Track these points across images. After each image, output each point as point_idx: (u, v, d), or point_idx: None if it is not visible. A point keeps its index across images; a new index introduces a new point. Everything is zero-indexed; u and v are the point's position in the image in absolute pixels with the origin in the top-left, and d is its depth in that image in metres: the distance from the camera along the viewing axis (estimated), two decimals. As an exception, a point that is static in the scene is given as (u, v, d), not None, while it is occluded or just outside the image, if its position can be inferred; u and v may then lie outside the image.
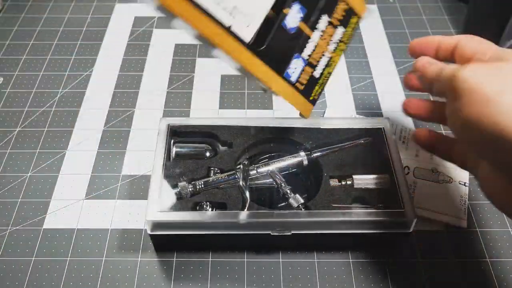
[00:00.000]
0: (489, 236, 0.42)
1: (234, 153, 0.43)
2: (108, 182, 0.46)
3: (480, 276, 0.40)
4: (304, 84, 0.36)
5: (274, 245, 0.41)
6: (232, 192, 0.41)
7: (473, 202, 0.45)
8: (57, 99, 0.54)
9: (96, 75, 0.57)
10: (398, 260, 0.41)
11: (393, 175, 0.41)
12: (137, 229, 0.43)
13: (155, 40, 0.61)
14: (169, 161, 0.42)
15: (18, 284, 0.39)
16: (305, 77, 0.36)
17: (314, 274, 0.40)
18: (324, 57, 0.36)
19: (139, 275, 0.40)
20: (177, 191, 0.40)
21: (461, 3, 0.67)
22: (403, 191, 0.39)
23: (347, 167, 0.42)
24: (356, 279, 0.40)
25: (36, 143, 0.49)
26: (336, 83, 0.56)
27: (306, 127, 0.45)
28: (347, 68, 0.58)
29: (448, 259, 0.41)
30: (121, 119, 0.52)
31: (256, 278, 0.40)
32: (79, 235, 0.42)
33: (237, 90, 0.55)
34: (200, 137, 0.45)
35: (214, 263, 0.41)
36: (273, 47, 0.33)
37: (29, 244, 0.41)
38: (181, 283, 0.39)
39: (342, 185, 0.41)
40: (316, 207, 0.40)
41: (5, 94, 0.54)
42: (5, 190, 0.45)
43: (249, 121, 0.45)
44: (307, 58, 0.35)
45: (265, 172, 0.42)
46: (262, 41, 0.32)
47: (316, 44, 0.35)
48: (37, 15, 0.65)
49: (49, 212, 0.44)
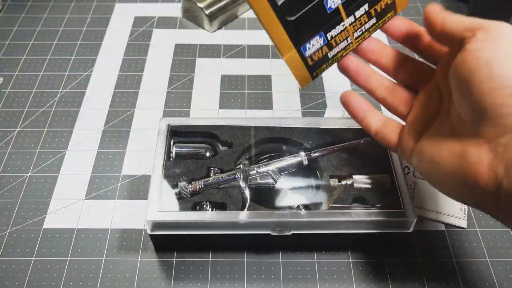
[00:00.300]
0: (489, 236, 0.42)
1: (234, 153, 0.43)
2: (108, 182, 0.46)
3: (480, 276, 0.40)
4: (314, 61, 0.35)
5: (274, 245, 0.41)
6: (232, 192, 0.41)
7: (473, 202, 0.45)
8: (57, 99, 0.54)
9: (96, 75, 0.57)
10: (398, 260, 0.41)
11: (393, 175, 0.41)
12: (137, 229, 0.43)
13: (155, 40, 0.61)
14: (169, 161, 0.42)
15: (18, 284, 0.39)
16: (319, 55, 0.35)
17: (314, 274, 0.40)
18: (345, 41, 0.36)
19: (139, 275, 0.40)
20: (177, 191, 0.40)
21: (461, 3, 0.67)
22: (403, 191, 0.39)
23: (347, 167, 0.42)
24: (356, 279, 0.40)
25: (36, 143, 0.49)
26: (336, 83, 0.56)
27: (306, 127, 0.45)
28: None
29: (448, 259, 0.41)
30: (121, 119, 0.52)
31: (256, 278, 0.40)
32: (79, 235, 0.42)
33: (237, 90, 0.55)
34: (200, 137, 0.45)
35: (214, 263, 0.41)
36: (302, 21, 0.33)
37: (29, 244, 0.41)
38: (181, 283, 0.39)
39: (342, 185, 0.41)
40: (316, 207, 0.40)
41: (5, 94, 0.54)
42: (5, 190, 0.45)
43: (249, 121, 0.45)
44: (329, 39, 0.35)
45: (265, 172, 0.42)
46: (293, 11, 0.32)
47: (344, 28, 0.35)
48: (37, 15, 0.65)
49: (49, 212, 0.44)
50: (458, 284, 0.40)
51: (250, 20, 0.64)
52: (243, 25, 0.64)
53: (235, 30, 0.63)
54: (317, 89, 0.55)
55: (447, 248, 0.42)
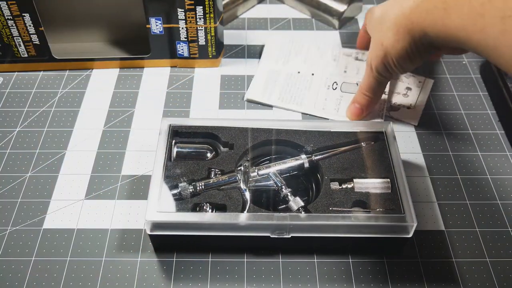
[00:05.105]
0: (489, 236, 0.42)
1: (235, 154, 0.43)
2: (108, 182, 0.46)
3: (480, 276, 0.40)
4: None
5: (273, 246, 0.41)
6: (232, 194, 0.41)
7: (472, 202, 0.45)
8: (57, 99, 0.54)
9: (96, 75, 0.57)
10: (398, 260, 0.41)
11: (393, 179, 0.41)
12: (137, 229, 0.43)
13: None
14: (170, 162, 0.42)
15: (18, 284, 0.39)
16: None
17: (314, 274, 0.40)
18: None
19: (139, 275, 0.40)
20: (177, 192, 0.40)
21: None
22: (404, 196, 0.39)
23: (348, 170, 0.42)
24: (356, 279, 0.40)
25: (35, 143, 0.49)
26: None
27: (307, 130, 0.45)
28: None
29: (448, 259, 0.41)
30: (121, 119, 0.52)
31: (256, 278, 0.40)
32: (79, 235, 0.42)
33: (237, 90, 0.55)
34: (201, 138, 0.45)
35: (214, 263, 0.41)
36: None
37: (29, 244, 0.41)
38: (181, 283, 0.39)
39: (343, 188, 0.41)
40: (316, 210, 0.40)
41: (5, 94, 0.54)
42: (5, 190, 0.45)
43: (251, 122, 0.45)
44: None
45: (265, 174, 0.42)
46: None
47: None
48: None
49: (49, 212, 0.44)
50: (458, 284, 0.40)
51: (250, 20, 0.64)
52: (243, 25, 0.63)
53: (235, 30, 0.63)
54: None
55: (447, 248, 0.42)
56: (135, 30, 0.56)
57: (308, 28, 0.63)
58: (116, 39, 0.60)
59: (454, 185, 0.46)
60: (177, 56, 0.56)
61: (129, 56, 0.57)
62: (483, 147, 0.49)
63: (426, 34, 0.40)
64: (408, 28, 0.41)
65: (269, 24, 0.64)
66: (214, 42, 0.55)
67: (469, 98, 0.54)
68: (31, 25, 0.52)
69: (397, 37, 0.42)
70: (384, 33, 0.43)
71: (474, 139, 0.50)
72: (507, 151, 0.49)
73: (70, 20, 0.57)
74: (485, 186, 0.46)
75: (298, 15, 0.65)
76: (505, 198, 0.45)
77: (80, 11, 0.56)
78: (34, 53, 0.55)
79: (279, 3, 0.67)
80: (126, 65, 0.57)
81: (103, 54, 0.58)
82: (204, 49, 0.55)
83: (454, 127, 0.51)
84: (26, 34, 0.52)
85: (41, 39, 0.53)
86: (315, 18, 0.64)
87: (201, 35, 0.54)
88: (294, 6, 0.66)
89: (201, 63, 0.57)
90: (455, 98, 0.54)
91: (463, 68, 0.58)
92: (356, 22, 0.64)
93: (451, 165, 0.48)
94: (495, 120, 0.52)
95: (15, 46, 0.54)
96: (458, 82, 0.56)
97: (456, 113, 0.53)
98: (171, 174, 0.41)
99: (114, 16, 0.57)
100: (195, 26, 0.53)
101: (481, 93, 0.55)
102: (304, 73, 0.56)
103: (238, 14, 0.65)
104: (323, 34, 0.62)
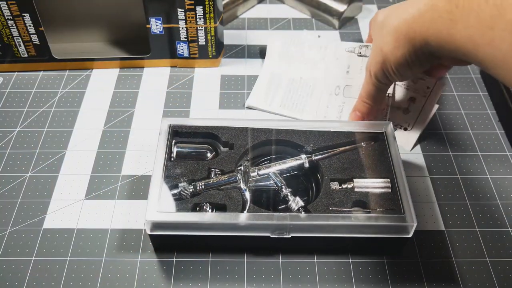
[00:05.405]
0: (489, 236, 0.42)
1: (235, 154, 0.43)
2: (108, 182, 0.46)
3: (480, 276, 0.40)
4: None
5: (273, 246, 0.41)
6: (232, 194, 0.41)
7: (472, 202, 0.45)
8: (57, 99, 0.54)
9: (96, 75, 0.57)
10: (398, 260, 0.41)
11: (394, 179, 0.41)
12: (137, 229, 0.43)
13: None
14: (170, 161, 0.42)
15: (18, 284, 0.39)
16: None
17: (314, 274, 0.40)
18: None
19: (139, 275, 0.40)
20: (177, 192, 0.40)
21: None
22: (404, 196, 0.39)
23: (348, 170, 0.42)
24: (356, 279, 0.40)
25: (36, 143, 0.49)
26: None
27: (307, 130, 0.45)
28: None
29: (448, 259, 0.41)
30: (121, 119, 0.52)
31: (256, 278, 0.40)
32: (79, 235, 0.42)
33: (237, 90, 0.55)
34: (201, 138, 0.45)
35: (214, 263, 0.41)
36: None
37: (29, 244, 0.41)
38: (181, 283, 0.39)
39: (343, 188, 0.41)
40: (316, 210, 0.40)
41: (5, 94, 0.54)
42: (5, 190, 0.45)
43: (251, 122, 0.45)
44: None
45: (265, 174, 0.42)
46: None
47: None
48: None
49: (49, 212, 0.44)
50: (458, 284, 0.40)
51: (250, 20, 0.64)
52: (243, 25, 0.63)
53: (235, 30, 0.63)
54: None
55: (447, 248, 0.42)
56: (135, 30, 0.56)
57: (308, 28, 0.63)
58: (116, 39, 0.60)
59: (454, 185, 0.46)
60: (177, 56, 0.56)
61: (129, 56, 0.57)
62: (483, 147, 0.49)
63: (428, 43, 0.38)
64: (409, 36, 0.40)
65: (269, 24, 0.64)
66: (214, 42, 0.55)
67: (469, 98, 0.54)
68: (31, 25, 0.52)
69: (397, 44, 0.41)
70: (384, 39, 0.42)
71: (474, 139, 0.50)
72: (507, 151, 0.49)
73: (70, 20, 0.57)
74: (485, 186, 0.46)
75: (298, 15, 0.65)
76: (505, 198, 0.45)
77: (80, 11, 0.56)
78: (34, 53, 0.55)
79: (279, 3, 0.67)
80: (126, 65, 0.57)
81: (103, 54, 0.58)
82: (204, 49, 0.55)
83: (454, 127, 0.51)
84: (26, 34, 0.53)
85: (41, 39, 0.53)
86: (315, 18, 0.65)
87: (201, 35, 0.54)
88: (294, 6, 0.66)
89: (201, 63, 0.57)
90: (455, 98, 0.54)
91: (463, 68, 0.58)
92: (356, 22, 0.64)
93: (451, 165, 0.48)
94: (495, 120, 0.52)
95: (15, 46, 0.54)
96: (458, 82, 0.56)
97: (456, 113, 0.53)
98: (171, 174, 0.41)
99: (114, 16, 0.57)
100: (195, 26, 0.53)
101: (481, 93, 0.55)
102: (306, 78, 0.54)
103: (238, 14, 0.65)
104: (323, 34, 0.62)
